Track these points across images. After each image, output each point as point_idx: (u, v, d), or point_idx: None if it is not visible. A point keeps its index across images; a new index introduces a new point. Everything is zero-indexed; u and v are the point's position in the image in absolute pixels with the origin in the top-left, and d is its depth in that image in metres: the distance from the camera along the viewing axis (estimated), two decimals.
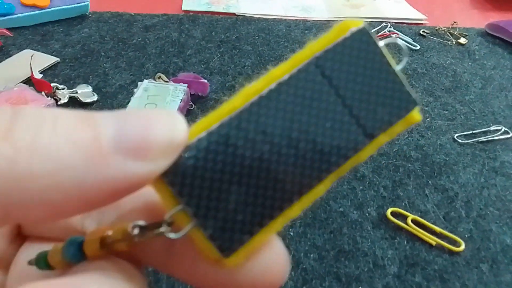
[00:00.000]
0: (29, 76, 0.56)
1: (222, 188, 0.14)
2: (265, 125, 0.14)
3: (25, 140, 0.11)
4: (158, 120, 0.13)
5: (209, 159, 0.14)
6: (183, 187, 0.14)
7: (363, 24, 0.15)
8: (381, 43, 0.16)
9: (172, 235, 0.14)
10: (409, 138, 0.53)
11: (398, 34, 0.73)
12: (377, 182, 0.47)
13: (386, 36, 0.73)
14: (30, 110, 0.12)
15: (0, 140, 0.11)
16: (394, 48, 0.17)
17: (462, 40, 0.73)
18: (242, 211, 0.14)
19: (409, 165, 0.50)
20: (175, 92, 0.52)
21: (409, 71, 0.66)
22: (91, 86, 0.57)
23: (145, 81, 0.55)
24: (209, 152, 0.14)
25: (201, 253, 0.14)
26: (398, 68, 0.16)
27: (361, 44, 0.15)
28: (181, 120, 0.13)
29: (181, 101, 0.51)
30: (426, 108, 0.59)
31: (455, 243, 0.41)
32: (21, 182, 0.11)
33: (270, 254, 0.15)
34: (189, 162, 0.14)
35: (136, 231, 0.14)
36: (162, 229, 0.14)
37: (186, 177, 0.14)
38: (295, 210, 0.15)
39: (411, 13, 0.83)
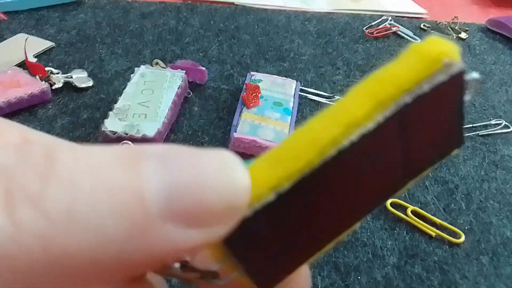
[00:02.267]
0: (23, 60, 0.55)
1: (273, 247, 0.13)
2: (337, 183, 0.13)
3: (60, 209, 0.09)
4: (215, 174, 0.10)
5: (271, 223, 0.12)
6: (237, 248, 0.12)
7: (459, 61, 0.13)
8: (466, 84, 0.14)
9: (219, 282, 0.13)
10: None
11: (398, 27, 0.73)
12: None
13: (387, 29, 0.72)
14: (66, 158, 0.10)
15: (31, 208, 0.09)
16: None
17: (463, 35, 0.73)
18: (285, 261, 0.14)
19: None
20: (173, 79, 0.51)
21: None
22: (86, 71, 0.56)
23: (142, 66, 0.54)
24: (272, 217, 0.12)
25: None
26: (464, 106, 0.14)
27: (452, 88, 0.13)
28: (243, 174, 0.11)
29: (178, 88, 0.50)
30: None
31: (455, 234, 0.41)
32: (55, 264, 0.09)
33: (299, 279, 0.15)
34: (249, 225, 0.12)
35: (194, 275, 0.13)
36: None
37: (242, 240, 0.12)
38: (329, 246, 0.15)
39: (411, 7, 0.82)
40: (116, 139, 0.44)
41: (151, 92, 0.49)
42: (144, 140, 0.44)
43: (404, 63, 0.13)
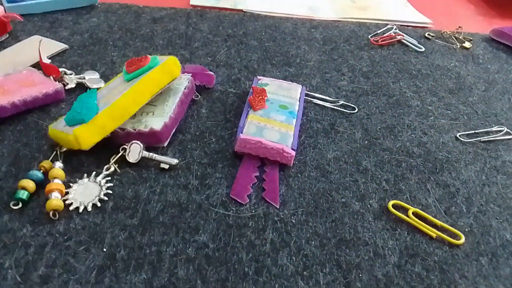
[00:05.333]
0: (37, 60, 0.56)
1: None
2: None
3: None
4: None
5: None
6: None
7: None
8: None
9: None
10: (412, 135, 0.54)
11: (403, 36, 0.74)
12: (379, 176, 0.48)
13: (392, 38, 0.74)
14: None
15: None
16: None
17: (467, 44, 0.74)
18: None
19: (412, 160, 0.50)
20: (180, 80, 0.53)
21: (414, 72, 0.67)
22: (98, 73, 0.58)
23: None
24: None
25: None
26: None
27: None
28: None
29: (185, 88, 0.52)
30: (430, 107, 0.59)
31: (455, 236, 0.42)
32: None
33: None
34: None
35: None
36: None
37: None
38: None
39: (416, 17, 0.84)
40: (125, 135, 0.46)
41: (159, 93, 0.51)
42: (151, 133, 0.46)
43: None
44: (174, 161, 0.45)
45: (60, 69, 0.56)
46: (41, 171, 0.42)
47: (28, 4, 0.69)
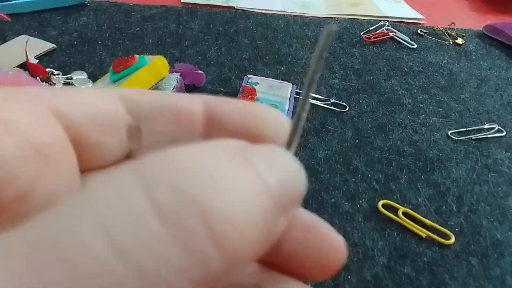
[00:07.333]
0: (24, 61, 0.56)
1: None
2: None
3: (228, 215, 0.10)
4: (296, 171, 0.12)
5: None
6: None
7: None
8: None
9: None
10: (403, 133, 0.53)
11: (396, 33, 0.73)
12: (369, 175, 0.47)
13: (384, 34, 0.73)
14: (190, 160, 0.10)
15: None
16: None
17: (459, 41, 0.73)
18: None
19: (402, 159, 0.50)
20: (168, 80, 0.52)
21: (406, 69, 0.66)
22: (87, 73, 0.57)
23: None
24: None
25: None
26: None
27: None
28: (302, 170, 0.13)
29: (173, 88, 0.51)
30: (421, 105, 0.59)
31: (445, 236, 0.41)
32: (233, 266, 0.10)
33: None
34: None
35: None
36: None
37: None
38: None
39: (409, 13, 0.83)
40: None
41: None
42: None
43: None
44: None
45: (48, 70, 0.55)
46: None
47: (16, 3, 0.68)
